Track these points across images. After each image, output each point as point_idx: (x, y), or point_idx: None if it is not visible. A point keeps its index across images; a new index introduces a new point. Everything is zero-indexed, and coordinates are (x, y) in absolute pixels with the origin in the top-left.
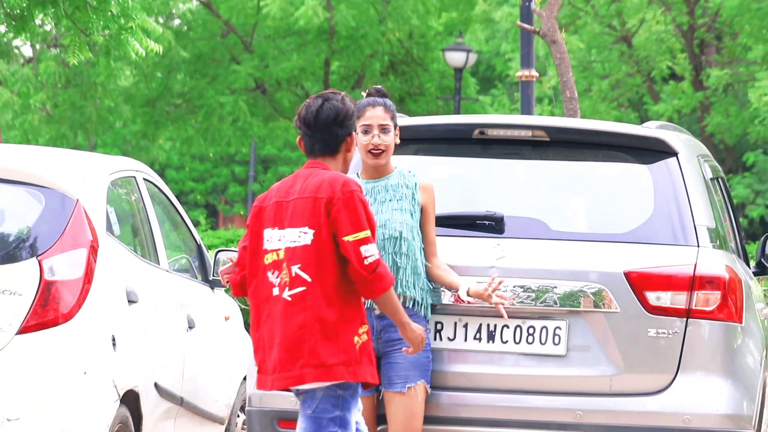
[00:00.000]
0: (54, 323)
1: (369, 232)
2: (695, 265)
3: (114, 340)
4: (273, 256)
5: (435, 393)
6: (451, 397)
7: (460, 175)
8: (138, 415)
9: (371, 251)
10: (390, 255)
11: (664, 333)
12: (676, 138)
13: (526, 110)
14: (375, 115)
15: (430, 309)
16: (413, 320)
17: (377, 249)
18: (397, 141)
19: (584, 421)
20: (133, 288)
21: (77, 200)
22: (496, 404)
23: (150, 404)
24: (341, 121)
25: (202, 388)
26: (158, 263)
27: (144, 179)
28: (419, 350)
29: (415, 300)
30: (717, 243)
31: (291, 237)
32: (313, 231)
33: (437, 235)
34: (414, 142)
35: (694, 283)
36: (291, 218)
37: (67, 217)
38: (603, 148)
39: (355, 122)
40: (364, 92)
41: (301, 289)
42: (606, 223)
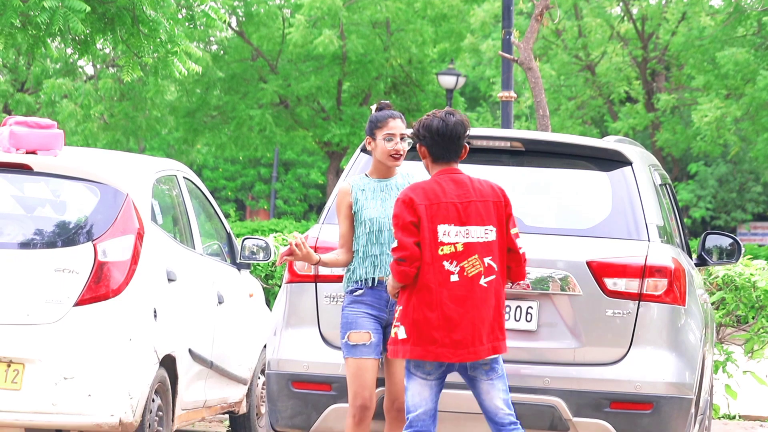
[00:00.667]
0: (105, 297)
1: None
2: (646, 256)
3: (155, 312)
4: (450, 249)
5: None
6: None
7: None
8: (174, 375)
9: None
10: None
11: (619, 313)
12: (631, 150)
13: (506, 125)
14: (397, 125)
15: None
16: None
17: None
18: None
19: (551, 387)
20: (173, 269)
21: (127, 194)
22: None
23: (184, 367)
24: (466, 134)
25: (228, 353)
26: (194, 248)
27: (183, 177)
28: None
29: None
30: (665, 238)
31: (477, 234)
32: (495, 229)
33: None
34: (411, 150)
35: (645, 271)
36: (475, 217)
37: (118, 208)
38: (569, 158)
39: (375, 131)
40: (373, 105)
41: (492, 277)
42: (571, 220)
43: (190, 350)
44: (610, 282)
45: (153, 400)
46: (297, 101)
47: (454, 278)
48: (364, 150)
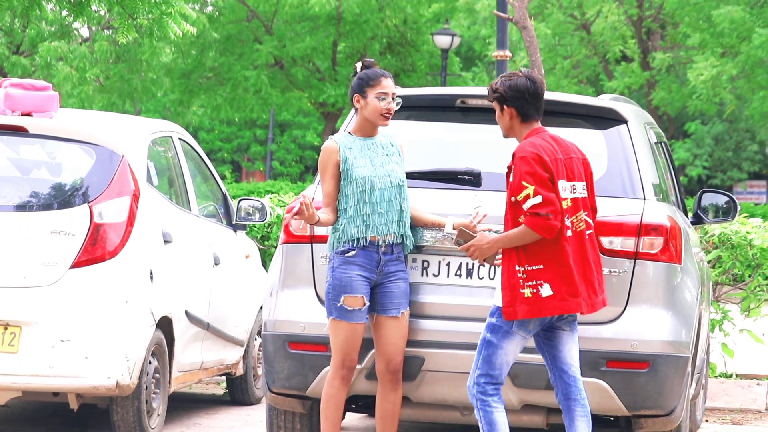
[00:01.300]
0: (101, 259)
1: None
2: (642, 214)
3: (151, 274)
4: (567, 203)
5: (422, 321)
6: (435, 324)
7: (444, 137)
8: (171, 337)
9: None
10: (398, 201)
11: (615, 272)
12: (626, 108)
13: None
14: (389, 84)
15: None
16: (396, 259)
17: None
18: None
19: None
20: (169, 230)
21: (123, 156)
22: (474, 331)
23: (181, 328)
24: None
25: (225, 315)
26: (190, 209)
27: (179, 139)
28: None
29: (405, 238)
30: (660, 196)
31: (579, 189)
32: (584, 184)
33: (424, 187)
34: (406, 109)
35: (641, 229)
36: (577, 173)
37: (114, 170)
38: (565, 116)
39: (366, 89)
40: (358, 63)
41: (590, 232)
42: None
43: (186, 312)
44: (605, 240)
45: (150, 362)
46: (292, 62)
47: (569, 233)
48: None
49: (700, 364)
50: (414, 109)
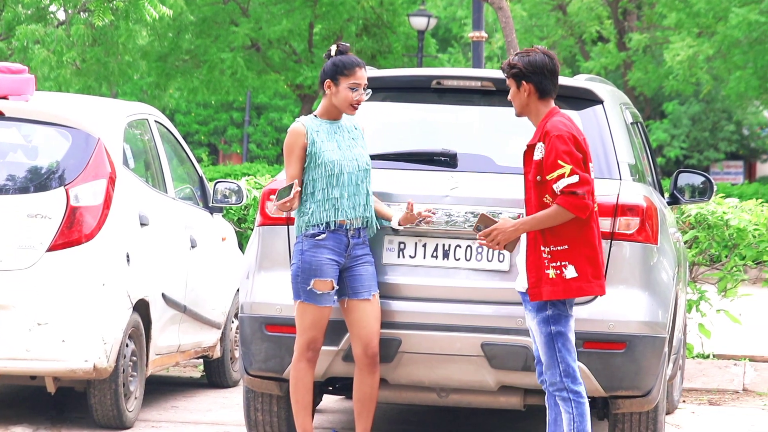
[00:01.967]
0: (78, 242)
1: None
2: (618, 195)
3: (128, 256)
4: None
5: (399, 302)
6: (412, 306)
7: (420, 118)
8: (148, 320)
9: None
10: (364, 185)
11: None
12: (601, 88)
13: (477, 65)
14: (363, 75)
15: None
16: (362, 243)
17: None
18: None
19: (524, 327)
20: (145, 213)
21: (99, 139)
22: (451, 312)
23: (158, 311)
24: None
25: (202, 298)
26: (166, 192)
27: (155, 121)
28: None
29: (371, 221)
30: (636, 177)
31: (593, 169)
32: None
33: (400, 169)
34: (383, 90)
35: (617, 210)
36: (590, 155)
37: (90, 152)
38: None
39: (339, 77)
40: (332, 47)
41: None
42: None
43: (163, 295)
44: None
45: (127, 345)
46: (268, 44)
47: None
48: None
49: (677, 344)
50: (390, 90)
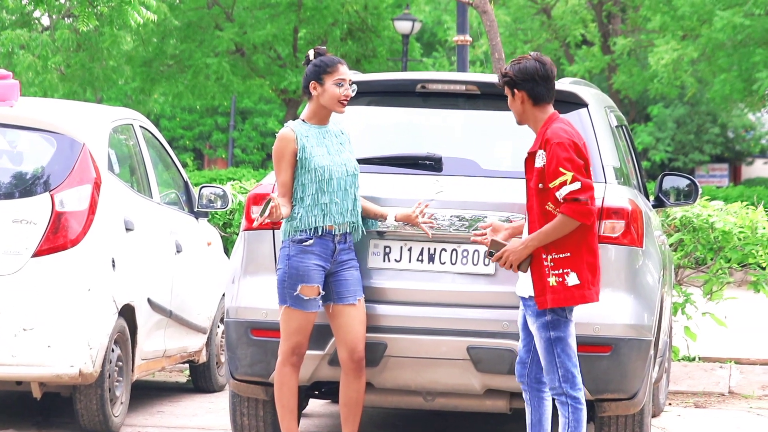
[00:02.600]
0: (63, 248)
1: None
2: (603, 198)
3: (114, 262)
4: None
5: (385, 306)
6: (397, 310)
7: (405, 122)
8: (134, 325)
9: None
10: (352, 189)
11: None
12: (586, 91)
13: (461, 69)
14: (346, 70)
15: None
16: (348, 248)
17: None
18: None
19: (510, 330)
20: (130, 218)
21: (84, 144)
22: (436, 316)
23: (144, 316)
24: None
25: (187, 302)
26: (151, 197)
27: (140, 126)
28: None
29: (357, 227)
30: (621, 180)
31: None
32: None
33: (385, 173)
34: (367, 94)
35: (602, 213)
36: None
37: (75, 158)
38: None
39: (323, 75)
40: (310, 51)
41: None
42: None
43: (149, 300)
44: None
45: (113, 350)
46: (253, 49)
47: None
48: None
49: (662, 347)
50: (374, 94)
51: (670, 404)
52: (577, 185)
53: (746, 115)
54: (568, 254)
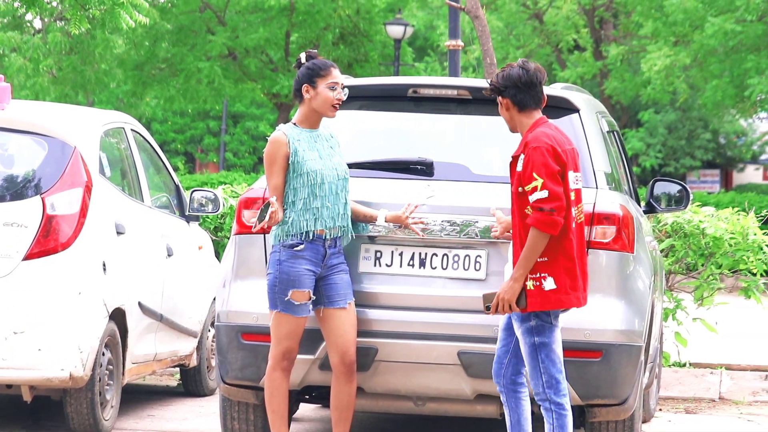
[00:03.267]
0: (54, 251)
1: None
2: (594, 203)
3: (104, 265)
4: (573, 195)
5: (376, 311)
6: (388, 315)
7: (397, 127)
8: (124, 329)
9: None
10: (343, 194)
11: None
12: (578, 97)
13: (453, 74)
14: (338, 74)
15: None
16: (338, 252)
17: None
18: None
19: None
20: (121, 221)
21: (75, 147)
22: (427, 321)
23: (134, 320)
24: (544, 81)
25: (178, 306)
26: (142, 201)
27: (132, 130)
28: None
29: (347, 231)
30: (612, 185)
31: (580, 180)
32: (580, 175)
33: (376, 177)
34: (359, 99)
35: (593, 218)
36: (577, 164)
37: (66, 161)
38: None
39: (316, 79)
40: (302, 55)
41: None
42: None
43: (139, 303)
44: None
45: (103, 354)
46: (245, 53)
47: (574, 225)
48: None
49: (653, 353)
50: (366, 98)
51: (660, 410)
52: (544, 194)
53: (738, 121)
54: (545, 259)
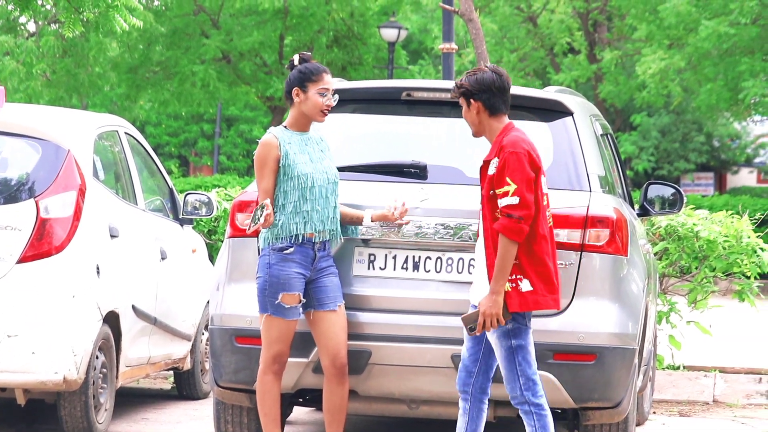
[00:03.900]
0: (48, 254)
1: None
2: (588, 206)
3: (98, 268)
4: (545, 199)
5: (369, 314)
6: (382, 318)
7: (390, 130)
8: (118, 332)
9: None
10: (333, 197)
11: (562, 264)
12: (571, 100)
13: (447, 77)
14: (330, 80)
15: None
16: (327, 255)
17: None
18: None
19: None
20: (115, 224)
21: (69, 150)
22: (421, 324)
23: (128, 323)
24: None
25: (172, 309)
26: (136, 204)
27: (125, 133)
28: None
29: (336, 234)
30: (606, 188)
31: (546, 183)
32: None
33: (369, 180)
34: (353, 102)
35: (587, 221)
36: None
37: (60, 164)
38: (511, 108)
39: (307, 83)
40: (295, 57)
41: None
42: None
43: (133, 306)
44: None
45: (97, 357)
46: (239, 56)
47: (545, 229)
48: None
49: (647, 356)
50: (360, 101)
51: (654, 413)
52: (515, 200)
53: (732, 124)
54: (518, 262)
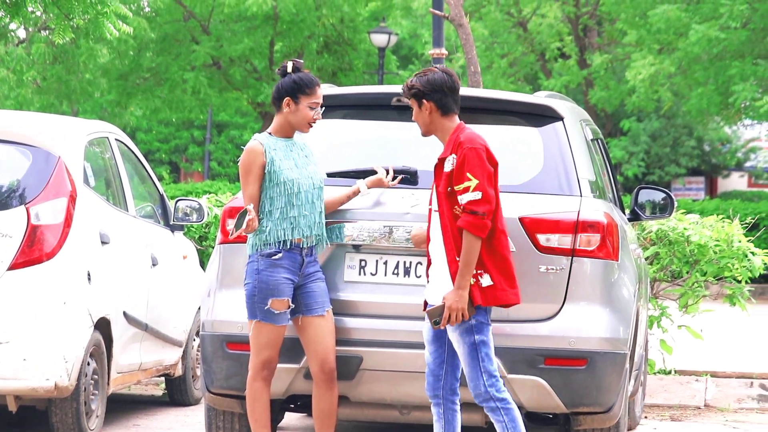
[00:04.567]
0: (39, 261)
1: None
2: (578, 211)
3: (89, 275)
4: (499, 195)
5: (360, 320)
6: (373, 323)
7: (381, 136)
8: (109, 338)
9: None
10: (319, 202)
11: (552, 269)
12: (562, 105)
13: None
14: (321, 94)
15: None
16: (314, 260)
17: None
18: None
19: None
20: (106, 231)
21: (59, 157)
22: (412, 329)
23: (119, 330)
24: None
25: (163, 316)
26: (127, 210)
27: (116, 139)
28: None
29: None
30: (597, 193)
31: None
32: None
33: None
34: (343, 108)
35: (578, 226)
36: None
37: (50, 171)
38: (501, 114)
39: (300, 95)
40: (288, 63)
41: None
42: (503, 176)
43: (124, 313)
44: (542, 238)
45: (88, 364)
46: (230, 62)
47: (502, 224)
48: None
49: (638, 360)
50: (350, 107)
51: (645, 417)
52: (477, 195)
53: (722, 129)
54: (479, 257)
